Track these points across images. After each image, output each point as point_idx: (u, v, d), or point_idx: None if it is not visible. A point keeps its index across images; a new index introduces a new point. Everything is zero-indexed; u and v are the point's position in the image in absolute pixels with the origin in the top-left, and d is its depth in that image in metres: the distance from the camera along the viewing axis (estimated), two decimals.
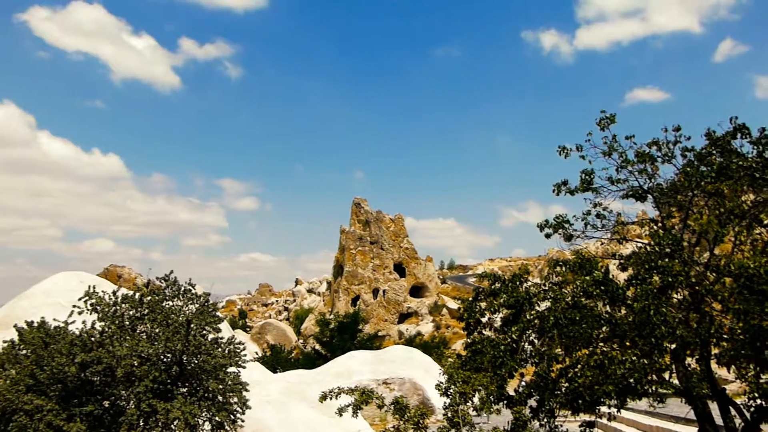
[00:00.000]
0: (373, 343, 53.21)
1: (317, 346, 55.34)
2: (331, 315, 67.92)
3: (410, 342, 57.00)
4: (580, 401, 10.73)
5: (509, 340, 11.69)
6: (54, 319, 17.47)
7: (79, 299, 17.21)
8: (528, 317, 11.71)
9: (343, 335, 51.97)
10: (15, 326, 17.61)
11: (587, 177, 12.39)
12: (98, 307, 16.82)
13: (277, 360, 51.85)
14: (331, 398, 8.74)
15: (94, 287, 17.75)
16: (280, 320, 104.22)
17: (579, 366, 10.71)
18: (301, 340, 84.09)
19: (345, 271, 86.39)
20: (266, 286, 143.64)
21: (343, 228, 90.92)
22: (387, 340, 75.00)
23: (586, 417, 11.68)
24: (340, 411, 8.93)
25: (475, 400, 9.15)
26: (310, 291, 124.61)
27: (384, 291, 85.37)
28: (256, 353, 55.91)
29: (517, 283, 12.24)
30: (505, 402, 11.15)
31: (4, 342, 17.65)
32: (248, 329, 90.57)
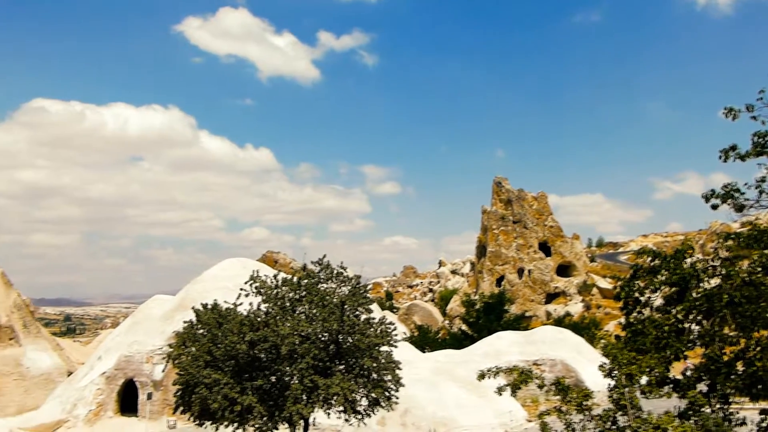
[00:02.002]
0: (520, 323, 52.26)
1: (463, 327, 55.47)
2: (476, 295, 67.73)
3: (559, 323, 55.30)
4: (759, 386, 9.79)
5: (673, 320, 10.91)
6: (225, 302, 19.19)
7: (245, 283, 18.71)
8: (694, 295, 10.85)
9: (489, 316, 51.58)
10: (192, 308, 19.58)
11: (761, 140, 11.08)
12: (262, 290, 18.19)
13: (424, 340, 52.72)
14: (489, 377, 8.71)
15: (257, 272, 19.21)
16: (426, 301, 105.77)
17: (758, 348, 9.76)
18: (447, 321, 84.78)
19: (488, 252, 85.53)
20: (411, 268, 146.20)
21: (484, 208, 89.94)
22: (534, 320, 73.35)
23: (766, 404, 10.64)
24: (500, 390, 8.87)
25: (642, 381, 8.69)
26: (453, 272, 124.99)
27: (529, 270, 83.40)
28: (404, 333, 57.23)
29: (680, 259, 11.36)
30: (671, 386, 10.45)
31: (184, 322, 19.70)
32: (395, 310, 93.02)
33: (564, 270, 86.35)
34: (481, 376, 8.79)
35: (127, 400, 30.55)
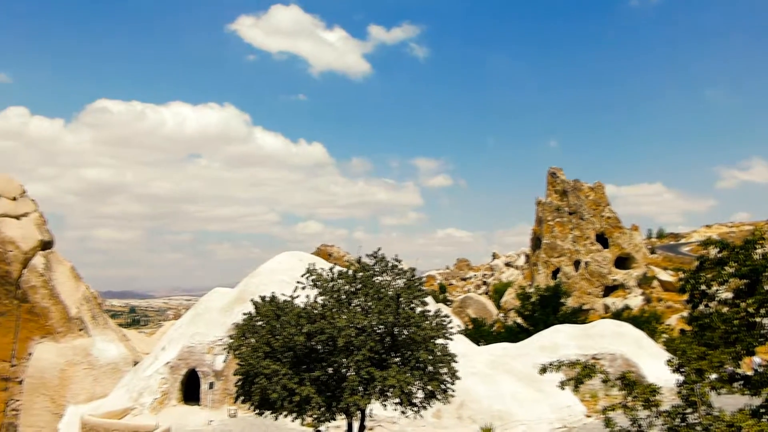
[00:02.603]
0: (577, 317, 51.24)
1: (519, 320, 54.81)
2: (531, 288, 66.76)
3: (617, 316, 53.90)
4: None
5: (743, 313, 10.48)
6: (282, 294, 19.55)
7: (302, 276, 19.01)
8: (766, 288, 10.37)
9: (545, 309, 50.77)
10: (251, 300, 20.04)
11: None
12: (318, 283, 18.45)
13: (479, 333, 52.37)
14: (551, 371, 8.56)
15: (313, 265, 19.49)
16: (479, 294, 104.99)
17: None
18: (501, 314, 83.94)
19: (543, 244, 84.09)
20: (464, 261, 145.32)
21: (539, 200, 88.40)
22: (592, 314, 71.70)
23: None
24: (563, 384, 8.70)
25: (712, 377, 8.36)
26: (507, 264, 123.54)
27: (586, 263, 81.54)
28: (459, 326, 57.00)
29: (750, 250, 10.88)
30: (741, 382, 10.04)
31: (243, 314, 20.19)
32: (449, 303, 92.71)
33: (623, 262, 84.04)
34: (543, 370, 8.65)
35: (190, 389, 31.55)
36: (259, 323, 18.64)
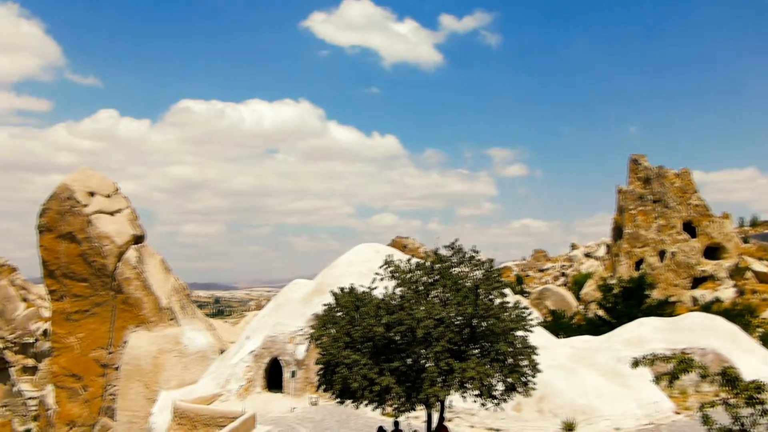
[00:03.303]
0: (664, 309, 49.01)
1: (600, 312, 53.07)
2: (612, 279, 64.46)
3: (707, 309, 51.19)
4: None
5: None
6: (361, 285, 19.82)
7: (380, 267, 19.20)
8: None
9: (628, 301, 48.89)
10: (330, 291, 20.43)
11: None
12: (396, 274, 18.58)
13: (558, 325, 51.15)
14: (642, 365, 8.24)
15: (390, 256, 19.64)
16: (558, 285, 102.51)
17: None
18: (581, 306, 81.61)
19: (625, 233, 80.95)
20: (541, 252, 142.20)
21: (620, 188, 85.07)
22: (678, 306, 68.41)
23: None
24: (658, 379, 8.34)
25: None
26: (587, 255, 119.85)
27: (672, 253, 77.86)
28: (537, 318, 55.91)
29: None
30: None
31: (323, 305, 20.62)
32: (526, 295, 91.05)
33: (712, 252, 79.65)
34: (635, 364, 8.31)
35: (273, 377, 32.60)
36: (339, 314, 18.98)
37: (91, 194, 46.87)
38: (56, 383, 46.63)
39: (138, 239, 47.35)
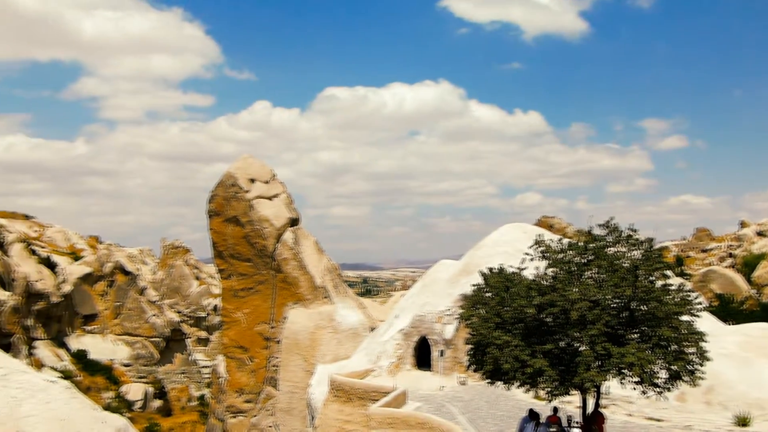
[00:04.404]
0: None
1: None
2: None
3: None
4: None
5: None
6: (510, 266, 19.56)
7: (529, 247, 18.78)
8: None
9: None
10: (479, 272, 20.38)
11: None
12: (547, 254, 18.07)
13: (726, 311, 46.96)
14: None
15: (540, 236, 19.14)
16: (725, 267, 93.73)
17: None
18: (754, 290, 74.09)
19: None
20: (704, 230, 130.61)
21: None
22: None
23: None
24: None
25: None
26: (759, 234, 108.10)
27: None
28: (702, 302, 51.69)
29: None
30: None
31: (472, 285, 20.63)
32: (687, 277, 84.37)
33: None
34: None
35: (422, 356, 33.31)
36: (488, 294, 18.88)
37: (252, 181, 50.61)
38: (226, 354, 51.34)
39: (294, 222, 50.44)
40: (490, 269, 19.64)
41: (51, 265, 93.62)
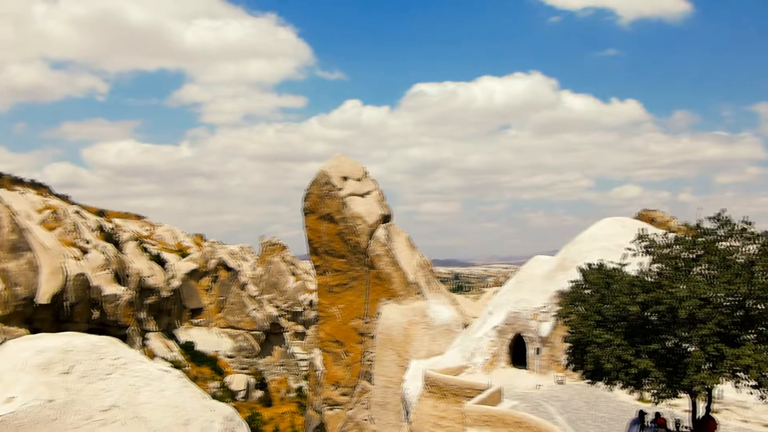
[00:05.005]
0: None
1: None
2: None
3: None
4: None
5: None
6: (610, 261, 18.78)
7: (631, 242, 17.93)
8: None
9: None
10: (577, 268, 19.72)
11: None
12: (651, 249, 17.18)
13: None
14: None
15: (643, 230, 18.23)
16: None
17: None
18: None
19: None
20: None
21: None
22: None
23: None
24: None
25: None
26: None
27: None
28: None
29: None
30: None
31: (570, 282, 20.00)
32: None
33: None
34: None
35: (517, 353, 32.71)
36: (587, 291, 18.24)
37: (345, 179, 51.62)
38: (322, 348, 52.74)
39: (386, 218, 50.97)
40: (589, 265, 18.97)
41: (161, 262, 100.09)
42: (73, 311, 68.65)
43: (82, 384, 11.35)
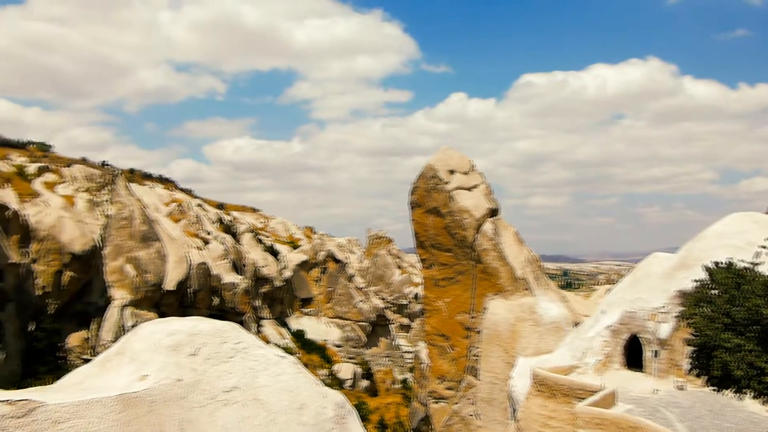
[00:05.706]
0: None
1: None
2: None
3: None
4: None
5: None
6: (741, 260, 17.41)
7: (766, 239, 16.56)
8: None
9: None
10: (703, 266, 18.43)
11: None
12: None
13: None
14: None
15: None
16: None
17: None
18: None
19: None
20: None
21: None
22: None
23: None
24: None
25: None
26: None
27: None
28: None
29: None
30: None
31: (694, 281, 18.73)
32: None
33: None
34: None
35: (632, 355, 31.14)
36: (714, 292, 17.02)
37: (451, 172, 51.36)
38: (428, 341, 52.94)
39: (493, 212, 50.20)
40: (716, 263, 17.68)
41: (274, 253, 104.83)
42: (196, 297, 73.60)
43: (207, 365, 12.14)
